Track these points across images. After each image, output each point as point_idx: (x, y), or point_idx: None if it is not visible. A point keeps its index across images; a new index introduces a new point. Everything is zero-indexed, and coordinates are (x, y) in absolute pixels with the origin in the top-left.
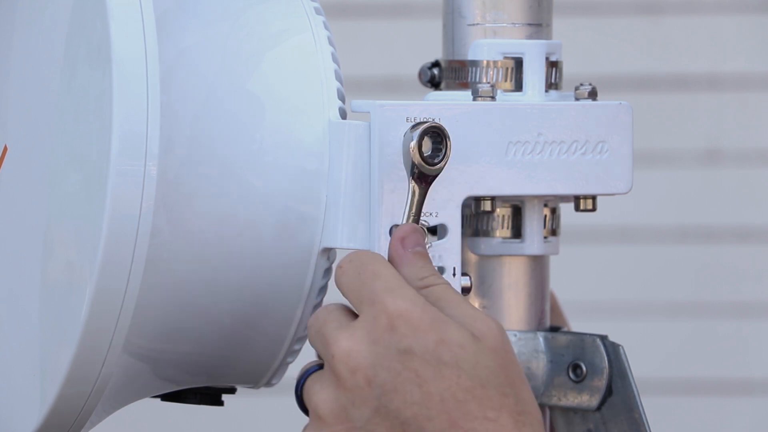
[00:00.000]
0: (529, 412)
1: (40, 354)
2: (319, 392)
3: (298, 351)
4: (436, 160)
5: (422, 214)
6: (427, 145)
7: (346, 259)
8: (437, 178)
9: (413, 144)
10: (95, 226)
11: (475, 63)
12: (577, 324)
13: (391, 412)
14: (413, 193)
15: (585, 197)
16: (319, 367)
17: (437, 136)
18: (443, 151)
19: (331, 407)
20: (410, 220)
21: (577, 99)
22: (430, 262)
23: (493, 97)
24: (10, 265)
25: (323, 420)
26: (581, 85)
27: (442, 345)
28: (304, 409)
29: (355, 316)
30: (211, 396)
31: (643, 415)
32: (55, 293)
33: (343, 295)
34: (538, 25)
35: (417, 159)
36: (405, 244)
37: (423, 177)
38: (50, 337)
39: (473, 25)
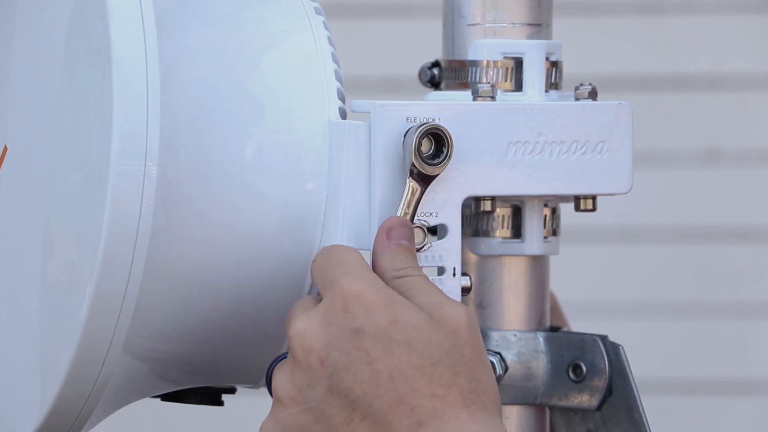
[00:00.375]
0: (484, 391)
1: (40, 354)
2: (279, 376)
3: None
4: (435, 161)
5: (422, 214)
6: (429, 146)
7: (319, 252)
8: (437, 179)
9: (413, 143)
10: (95, 226)
11: (475, 63)
12: (577, 324)
13: (342, 391)
14: (411, 191)
15: (585, 197)
16: (288, 355)
17: (439, 137)
18: (445, 152)
19: (288, 389)
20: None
21: (577, 99)
22: (413, 256)
23: (493, 97)
24: (10, 265)
25: (281, 402)
26: (581, 85)
27: (395, 325)
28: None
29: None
30: (211, 396)
31: (643, 415)
32: (55, 293)
33: (314, 283)
34: (538, 25)
35: (416, 158)
36: (390, 235)
37: (421, 177)
38: (50, 337)
39: (473, 25)
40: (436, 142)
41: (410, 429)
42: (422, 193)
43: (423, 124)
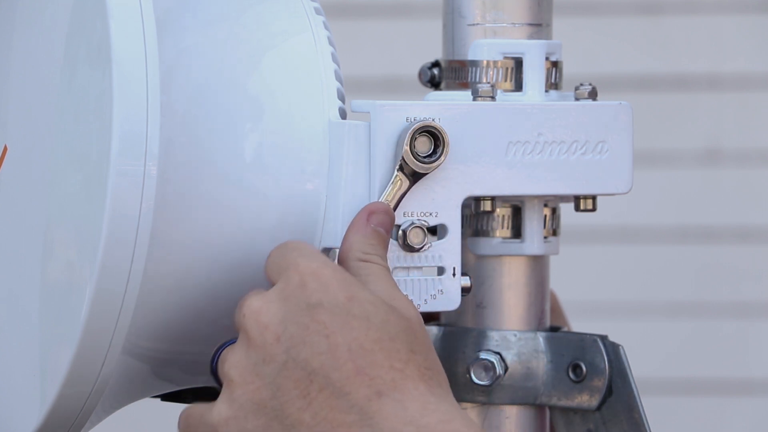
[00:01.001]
0: (439, 372)
1: (40, 354)
2: (230, 358)
3: None
4: (426, 158)
5: (422, 214)
6: (429, 146)
7: (273, 249)
8: (437, 178)
9: (407, 137)
10: (95, 226)
11: (475, 63)
12: (577, 324)
13: (299, 363)
14: (398, 184)
15: (585, 197)
16: (235, 341)
17: (435, 136)
18: (440, 151)
19: (242, 370)
20: None
21: (577, 99)
22: (383, 246)
23: (493, 97)
24: (10, 265)
25: (234, 383)
26: (581, 85)
27: (353, 300)
28: (220, 383)
29: None
30: (210, 396)
31: (643, 415)
32: (55, 293)
33: (268, 278)
34: (538, 25)
35: (408, 155)
36: (370, 218)
37: (410, 173)
38: (50, 337)
39: (473, 25)
40: (434, 141)
41: (369, 399)
42: (408, 188)
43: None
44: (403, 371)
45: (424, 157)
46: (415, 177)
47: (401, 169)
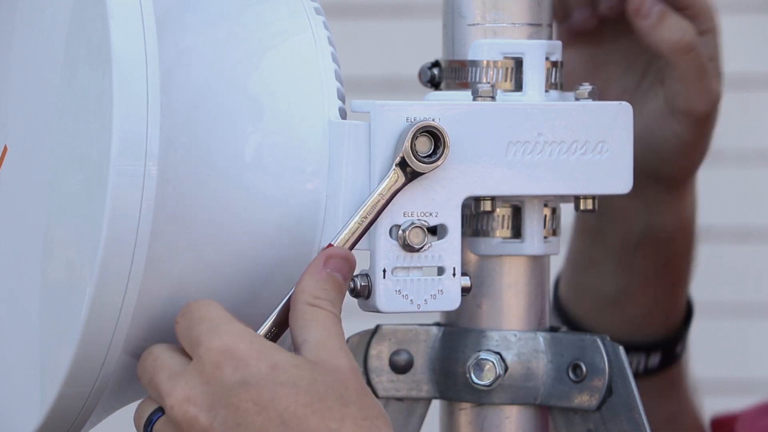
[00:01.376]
0: (375, 416)
1: (40, 354)
2: None
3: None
4: (426, 158)
5: (422, 214)
6: (429, 146)
7: (179, 313)
8: (437, 178)
9: (409, 136)
10: (95, 226)
11: (475, 63)
12: None
13: None
14: (393, 179)
15: (585, 197)
16: (162, 412)
17: (436, 136)
18: (440, 151)
19: None
20: (377, 202)
21: (577, 99)
22: (338, 292)
23: (493, 97)
24: (10, 265)
25: None
26: (581, 85)
27: (276, 368)
28: None
29: (185, 355)
30: None
31: (643, 415)
32: (55, 293)
33: (180, 342)
34: (538, 25)
35: (408, 155)
36: (327, 263)
37: (407, 169)
38: (50, 337)
39: (473, 25)
40: (435, 142)
41: None
42: (403, 185)
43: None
44: (339, 430)
45: (425, 157)
46: (412, 175)
47: (399, 165)
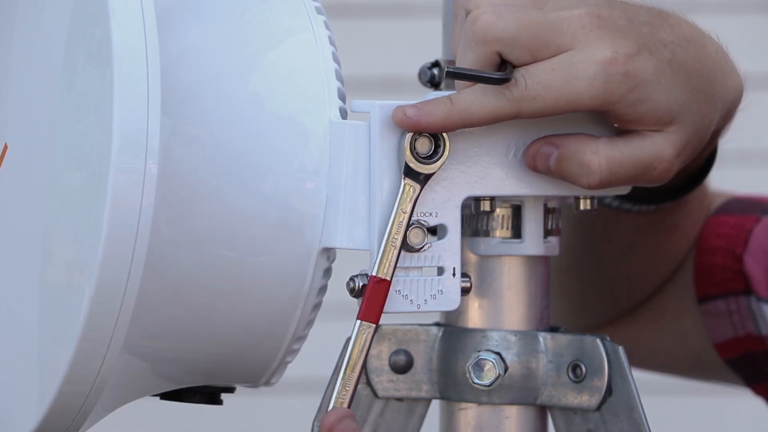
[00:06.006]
0: None
1: (39, 353)
2: None
3: (297, 350)
4: (427, 159)
5: (422, 214)
6: (429, 147)
7: None
8: (437, 179)
9: (406, 140)
10: (95, 226)
11: None
12: None
13: None
14: (405, 191)
15: (585, 197)
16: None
17: (435, 136)
18: (440, 151)
19: None
20: (402, 219)
21: None
22: None
23: None
24: (10, 264)
25: None
26: None
27: None
28: None
29: None
30: (210, 395)
31: (643, 415)
32: (54, 292)
33: None
34: None
35: (409, 157)
36: None
37: (417, 175)
38: (49, 336)
39: None
40: (435, 142)
41: None
42: (419, 192)
43: None
44: None
45: (424, 157)
46: (425, 179)
47: (407, 174)
